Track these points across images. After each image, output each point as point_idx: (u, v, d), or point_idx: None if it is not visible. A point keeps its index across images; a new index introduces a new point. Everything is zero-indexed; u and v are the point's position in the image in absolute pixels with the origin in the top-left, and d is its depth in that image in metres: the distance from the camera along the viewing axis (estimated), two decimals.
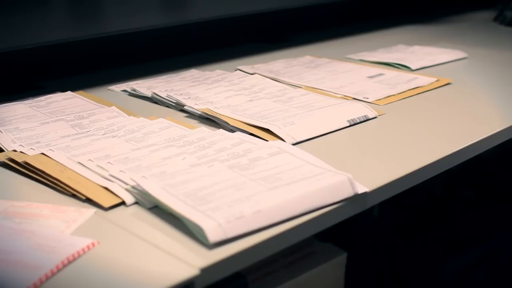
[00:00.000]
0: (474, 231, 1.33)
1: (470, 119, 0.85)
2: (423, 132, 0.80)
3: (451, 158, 0.74)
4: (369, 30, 1.46)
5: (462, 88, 1.00)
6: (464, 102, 0.93)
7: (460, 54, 1.20)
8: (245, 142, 0.70)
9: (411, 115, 0.87)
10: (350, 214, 0.61)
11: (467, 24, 1.59)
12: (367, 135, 0.78)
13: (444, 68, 1.12)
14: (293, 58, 1.17)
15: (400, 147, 0.75)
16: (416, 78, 1.02)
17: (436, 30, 1.50)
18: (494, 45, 1.35)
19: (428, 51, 1.22)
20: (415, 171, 0.68)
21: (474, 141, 0.77)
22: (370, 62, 1.15)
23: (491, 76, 1.09)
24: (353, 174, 0.62)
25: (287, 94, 0.91)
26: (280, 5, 1.27)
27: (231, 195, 0.56)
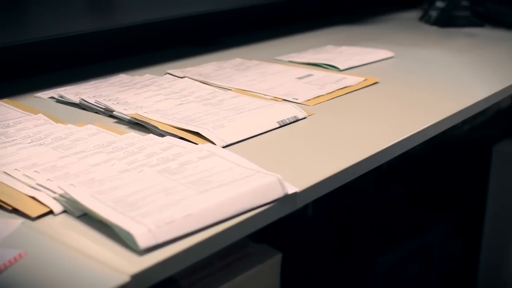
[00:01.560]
0: (405, 226, 1.36)
1: (398, 117, 0.87)
2: (352, 131, 0.81)
3: (380, 155, 0.75)
4: (298, 32, 1.48)
5: (389, 86, 1.02)
6: (391, 100, 0.95)
7: (387, 54, 1.22)
8: (175, 146, 0.70)
9: (340, 114, 0.88)
10: (281, 214, 0.61)
11: (393, 24, 1.62)
12: (297, 136, 0.79)
13: (371, 68, 1.14)
14: (224, 60, 1.17)
15: (330, 146, 0.76)
16: (345, 78, 1.04)
17: (364, 30, 1.53)
18: (420, 44, 1.38)
19: (356, 51, 1.24)
20: (344, 170, 0.69)
21: (401, 138, 0.79)
22: (299, 63, 1.16)
23: (417, 74, 1.11)
24: (284, 174, 0.62)
25: (217, 97, 0.91)
26: (210, 8, 1.26)
27: (161, 200, 0.56)
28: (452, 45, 1.40)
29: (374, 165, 0.75)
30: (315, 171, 0.67)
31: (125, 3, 1.10)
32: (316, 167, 0.69)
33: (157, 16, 1.16)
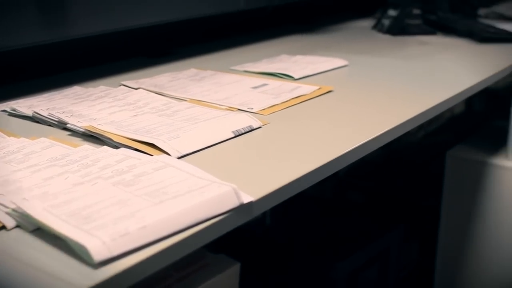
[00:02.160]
0: (363, 233, 1.37)
1: (352, 125, 0.88)
2: (307, 139, 0.82)
3: (335, 163, 0.76)
4: (253, 41, 1.48)
5: (343, 94, 1.03)
6: (345, 108, 0.96)
7: (341, 62, 1.23)
8: (130, 158, 0.70)
9: (295, 123, 0.88)
10: (237, 224, 0.62)
11: (347, 33, 1.64)
12: (252, 145, 0.79)
13: (326, 76, 1.15)
14: (178, 71, 1.17)
15: (285, 154, 0.76)
16: (299, 87, 1.04)
17: (318, 39, 1.54)
18: (373, 52, 1.40)
19: (311, 60, 1.25)
20: (299, 178, 0.69)
21: (356, 145, 0.80)
22: (254, 72, 1.16)
23: (371, 82, 1.13)
24: (239, 184, 0.63)
25: (172, 107, 0.91)
26: (164, 18, 1.26)
27: (116, 212, 0.56)
28: (404, 53, 1.42)
29: (329, 173, 0.75)
30: (270, 180, 0.67)
31: (78, 14, 1.09)
32: (272, 175, 0.69)
33: (111, 27, 1.16)
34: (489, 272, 1.45)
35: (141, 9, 1.19)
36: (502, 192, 1.39)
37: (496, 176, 1.39)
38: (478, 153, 1.44)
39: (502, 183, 1.39)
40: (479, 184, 1.42)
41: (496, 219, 1.42)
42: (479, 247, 1.45)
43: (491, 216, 1.42)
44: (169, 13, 1.25)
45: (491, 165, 1.40)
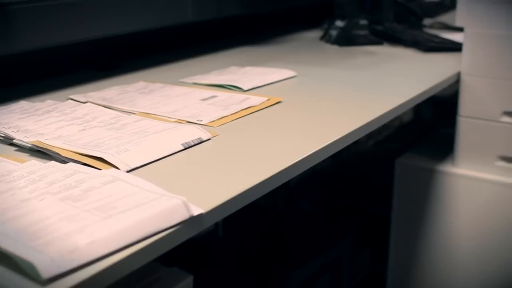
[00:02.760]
0: (315, 242, 1.38)
1: (301, 135, 0.89)
2: (256, 150, 0.82)
3: (284, 173, 0.76)
4: (202, 53, 1.48)
5: (292, 105, 1.04)
6: (294, 119, 0.97)
7: (290, 73, 1.24)
8: (78, 172, 0.69)
9: (245, 134, 0.89)
10: (187, 236, 0.61)
11: (295, 44, 1.66)
12: (202, 157, 0.79)
13: (275, 87, 1.16)
14: (127, 84, 1.17)
15: (235, 166, 0.76)
16: (248, 98, 1.05)
17: (267, 51, 1.55)
18: (321, 63, 1.41)
19: (260, 72, 1.25)
20: (249, 189, 0.70)
21: (304, 155, 0.80)
22: (203, 85, 1.16)
23: (319, 93, 1.14)
24: (189, 196, 0.63)
25: (120, 121, 0.90)
26: (112, 32, 1.25)
27: (64, 228, 0.55)
28: (352, 63, 1.44)
29: (279, 183, 0.76)
30: (220, 191, 0.67)
31: (24, 28, 1.08)
32: (222, 187, 0.69)
33: (57, 41, 1.14)
34: (439, 279, 1.47)
35: (89, 22, 1.19)
36: (450, 198, 1.42)
37: (444, 182, 1.42)
38: (426, 160, 1.47)
39: (449, 189, 1.42)
40: (427, 191, 1.45)
41: (445, 225, 1.44)
42: (429, 254, 1.48)
43: (440, 222, 1.44)
44: (117, 26, 1.25)
45: (438, 172, 1.42)
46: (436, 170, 1.43)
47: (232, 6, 1.51)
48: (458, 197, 1.41)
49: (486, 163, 1.38)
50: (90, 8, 1.18)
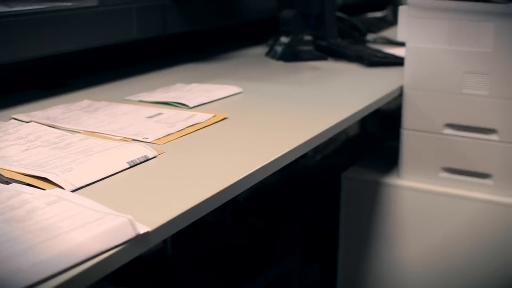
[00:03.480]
0: (264, 257, 1.38)
1: (247, 151, 0.90)
2: (202, 167, 0.82)
3: (230, 189, 0.76)
4: (148, 71, 1.48)
5: (238, 121, 1.04)
6: (240, 135, 0.98)
7: (235, 89, 1.25)
8: (22, 193, 0.68)
9: (191, 151, 0.89)
10: (134, 255, 0.61)
11: (241, 60, 1.66)
12: (148, 175, 0.79)
13: (221, 104, 1.16)
14: (71, 103, 1.15)
15: (181, 183, 0.77)
16: (194, 115, 1.05)
17: (213, 67, 1.55)
18: (267, 79, 1.43)
19: (205, 88, 1.25)
20: (196, 205, 0.70)
21: (252, 170, 0.81)
22: (149, 102, 1.16)
23: (265, 108, 1.15)
24: (135, 214, 0.62)
25: (65, 140, 0.89)
26: (55, 50, 1.24)
27: (8, 250, 0.54)
28: (297, 79, 1.45)
29: (227, 199, 0.76)
30: (167, 209, 0.67)
31: None
32: (168, 204, 0.69)
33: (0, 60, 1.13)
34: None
35: (32, 40, 1.17)
36: (396, 210, 1.44)
37: (389, 194, 1.44)
38: (372, 173, 1.49)
39: (395, 201, 1.44)
40: (374, 204, 1.47)
41: (392, 236, 1.46)
42: (378, 265, 1.49)
43: (387, 233, 1.46)
44: (61, 44, 1.24)
45: (384, 185, 1.45)
46: (382, 183, 1.45)
47: (177, 23, 1.52)
48: (403, 209, 1.44)
49: (430, 174, 1.41)
50: (33, 26, 1.17)
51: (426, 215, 1.42)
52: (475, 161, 1.36)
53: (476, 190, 1.37)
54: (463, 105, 1.34)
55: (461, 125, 1.36)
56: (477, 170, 1.37)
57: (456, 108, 1.35)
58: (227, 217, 1.77)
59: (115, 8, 1.34)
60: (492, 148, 1.34)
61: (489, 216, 1.35)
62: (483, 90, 1.31)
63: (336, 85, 1.38)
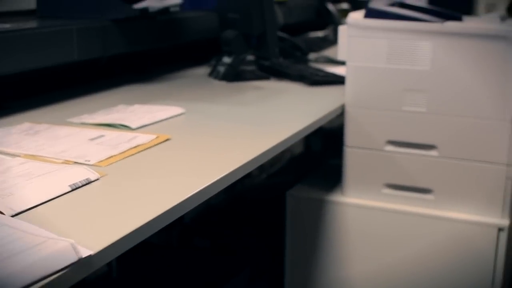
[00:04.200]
0: (211, 278, 1.38)
1: (190, 171, 0.89)
2: (146, 188, 0.82)
3: (175, 210, 0.76)
4: (90, 92, 1.46)
5: (181, 142, 1.04)
6: (184, 155, 0.97)
7: (178, 110, 1.25)
8: None
9: (134, 173, 0.88)
10: (77, 279, 0.60)
11: (184, 81, 1.66)
12: (90, 198, 0.78)
13: (163, 125, 1.16)
14: (11, 126, 1.13)
15: (124, 205, 0.76)
16: (137, 136, 1.04)
17: (155, 88, 1.55)
18: (210, 99, 1.43)
19: (148, 109, 1.25)
20: (139, 227, 0.69)
21: (195, 190, 0.81)
22: (91, 124, 1.15)
23: (208, 129, 1.15)
24: (78, 238, 0.62)
25: (4, 164, 0.88)
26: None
27: None
28: (240, 99, 1.46)
29: (170, 220, 0.76)
30: (110, 232, 0.67)
31: None
32: (111, 227, 0.68)
33: None
34: None
35: None
36: (341, 227, 1.46)
37: (334, 212, 1.45)
38: (316, 191, 1.50)
39: (339, 218, 1.45)
40: (319, 221, 1.48)
41: (337, 253, 1.47)
42: (324, 282, 1.50)
43: (333, 250, 1.48)
44: (1, 66, 1.22)
45: (328, 202, 1.46)
46: (326, 200, 1.46)
47: (118, 45, 1.51)
48: (348, 225, 1.45)
49: (373, 191, 1.43)
50: None
51: (371, 231, 1.43)
52: (416, 176, 1.39)
53: (418, 205, 1.40)
54: (403, 122, 1.36)
55: (402, 142, 1.38)
56: (418, 186, 1.39)
57: (397, 125, 1.37)
58: (173, 238, 1.76)
59: (55, 30, 1.32)
60: (432, 163, 1.37)
61: (432, 230, 1.38)
62: (422, 107, 1.34)
63: (279, 105, 1.39)
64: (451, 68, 1.30)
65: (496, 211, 1.35)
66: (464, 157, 1.35)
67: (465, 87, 1.30)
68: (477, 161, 1.34)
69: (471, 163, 1.34)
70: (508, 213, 1.34)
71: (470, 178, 1.35)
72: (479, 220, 1.35)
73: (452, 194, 1.37)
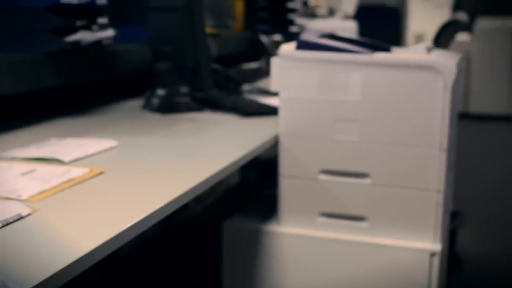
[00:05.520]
0: None
1: (125, 204, 0.89)
2: (78, 223, 0.81)
3: (108, 244, 0.75)
4: (21, 126, 1.44)
5: (115, 175, 1.03)
6: (118, 189, 0.97)
7: (112, 143, 1.24)
8: None
9: (67, 207, 0.87)
10: None
11: (118, 113, 1.65)
12: (22, 234, 0.77)
13: (97, 158, 1.15)
14: None
15: (56, 240, 0.75)
16: (70, 170, 1.03)
17: (89, 121, 1.53)
18: (144, 131, 1.42)
19: (81, 143, 1.24)
20: (72, 263, 0.68)
21: (129, 224, 0.80)
22: (22, 158, 1.13)
23: (142, 161, 1.14)
24: (9, 275, 0.61)
25: None
26: None
27: None
28: (175, 131, 1.46)
29: (104, 255, 0.75)
30: (42, 268, 0.66)
31: None
32: (43, 263, 0.67)
33: None
34: None
35: None
36: (277, 256, 1.46)
37: (270, 242, 1.46)
38: (252, 221, 1.50)
39: (276, 248, 1.46)
40: (255, 251, 1.48)
41: (274, 282, 1.48)
42: None
43: (269, 279, 1.48)
44: None
45: (264, 232, 1.47)
46: (262, 231, 1.47)
47: (51, 78, 1.49)
48: (285, 255, 1.46)
49: (309, 220, 1.44)
50: None
51: (307, 260, 1.44)
52: (350, 204, 1.41)
53: (353, 232, 1.42)
54: (336, 151, 1.39)
55: (335, 170, 1.40)
56: (353, 213, 1.42)
57: (330, 154, 1.39)
58: (108, 273, 1.73)
59: None
60: (365, 191, 1.39)
61: (367, 257, 1.40)
62: (354, 136, 1.37)
63: (214, 136, 1.39)
64: (382, 98, 1.34)
65: (428, 237, 1.38)
66: (396, 184, 1.38)
67: (395, 116, 1.34)
68: (408, 188, 1.37)
69: (403, 190, 1.37)
70: (439, 238, 1.37)
71: (402, 205, 1.38)
72: (412, 246, 1.38)
73: (386, 221, 1.39)
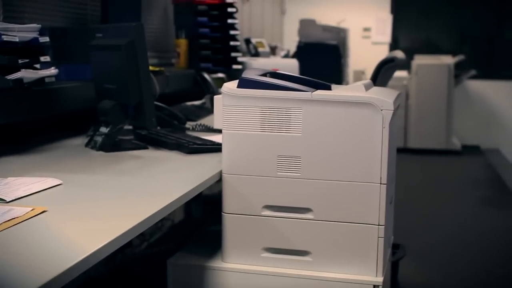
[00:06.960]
0: None
1: (67, 243, 0.89)
2: (21, 262, 0.81)
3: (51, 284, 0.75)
4: None
5: (58, 214, 1.03)
6: (60, 227, 0.97)
7: (55, 182, 1.23)
8: None
9: (9, 246, 0.87)
10: None
11: (61, 152, 1.64)
12: None
13: (40, 196, 1.15)
14: None
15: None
16: (12, 209, 1.03)
17: (31, 160, 1.52)
18: (87, 170, 1.42)
19: (23, 181, 1.23)
20: None
21: (71, 264, 0.80)
22: None
23: (85, 200, 1.14)
24: None
25: None
26: None
27: None
28: (118, 169, 1.46)
29: None
30: None
31: None
32: None
33: None
34: None
35: None
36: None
37: (215, 278, 1.46)
38: (197, 258, 1.51)
39: (220, 284, 1.46)
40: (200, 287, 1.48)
41: None
42: None
43: None
44: None
45: (209, 268, 1.47)
46: (207, 267, 1.47)
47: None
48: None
49: (253, 255, 1.45)
50: None
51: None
52: (294, 239, 1.43)
53: (297, 267, 1.43)
54: (279, 187, 1.41)
55: (278, 206, 1.42)
56: (296, 248, 1.43)
57: (273, 190, 1.41)
58: None
59: None
60: (308, 226, 1.41)
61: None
62: (296, 172, 1.39)
63: (157, 173, 1.40)
64: (322, 134, 1.37)
65: (371, 269, 1.40)
66: (338, 219, 1.40)
67: (336, 152, 1.37)
68: (350, 222, 1.40)
69: (345, 224, 1.40)
70: (382, 270, 1.40)
71: (345, 239, 1.40)
72: (355, 279, 1.40)
73: (329, 255, 1.42)
